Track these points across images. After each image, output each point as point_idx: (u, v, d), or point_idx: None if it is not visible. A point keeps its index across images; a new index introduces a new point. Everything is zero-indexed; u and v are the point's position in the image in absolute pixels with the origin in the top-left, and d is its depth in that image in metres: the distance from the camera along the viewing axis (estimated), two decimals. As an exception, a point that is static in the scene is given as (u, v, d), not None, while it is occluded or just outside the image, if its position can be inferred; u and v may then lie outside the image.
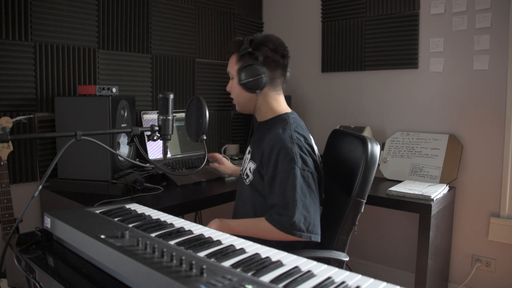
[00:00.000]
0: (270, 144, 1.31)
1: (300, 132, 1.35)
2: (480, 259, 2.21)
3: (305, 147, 1.32)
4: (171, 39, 2.43)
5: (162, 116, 1.18)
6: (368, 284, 0.62)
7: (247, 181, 1.42)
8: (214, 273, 0.61)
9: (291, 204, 1.23)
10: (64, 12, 1.93)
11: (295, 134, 1.33)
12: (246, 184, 1.42)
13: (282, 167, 1.27)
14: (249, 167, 1.41)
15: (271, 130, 1.37)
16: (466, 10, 2.16)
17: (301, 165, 1.27)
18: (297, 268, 0.68)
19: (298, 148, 1.30)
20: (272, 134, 1.34)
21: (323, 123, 2.72)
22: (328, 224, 1.38)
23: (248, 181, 1.41)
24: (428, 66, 2.33)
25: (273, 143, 1.31)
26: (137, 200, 1.58)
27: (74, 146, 1.01)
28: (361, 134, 1.58)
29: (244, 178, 1.45)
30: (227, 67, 1.47)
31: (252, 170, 1.39)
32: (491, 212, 2.16)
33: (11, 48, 1.76)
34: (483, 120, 2.16)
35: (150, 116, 2.21)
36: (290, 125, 1.36)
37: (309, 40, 2.82)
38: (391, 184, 2.12)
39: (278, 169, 1.28)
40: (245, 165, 1.47)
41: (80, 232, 0.80)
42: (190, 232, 0.86)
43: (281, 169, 1.27)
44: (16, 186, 1.80)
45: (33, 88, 1.85)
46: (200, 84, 2.61)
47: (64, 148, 0.96)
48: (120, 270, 0.69)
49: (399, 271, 2.51)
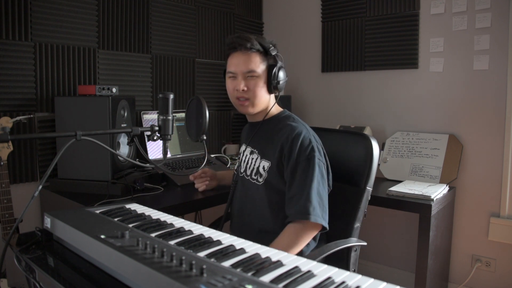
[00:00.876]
0: (288, 136, 1.34)
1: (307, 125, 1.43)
2: (480, 259, 2.21)
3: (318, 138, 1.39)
4: (171, 39, 2.43)
5: (162, 116, 1.18)
6: (368, 284, 0.62)
7: (260, 181, 1.39)
8: (214, 273, 0.61)
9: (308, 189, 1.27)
10: (64, 12, 1.93)
11: (307, 126, 1.41)
12: (258, 184, 1.40)
13: (304, 155, 1.31)
14: (262, 166, 1.39)
15: (281, 126, 1.40)
16: (466, 10, 2.16)
17: (317, 155, 1.32)
18: (297, 268, 0.68)
19: (314, 139, 1.36)
20: (286, 129, 1.37)
21: (323, 123, 2.72)
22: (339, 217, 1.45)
23: (262, 180, 1.39)
24: (428, 66, 2.33)
25: (292, 134, 1.34)
26: (137, 200, 1.58)
27: (74, 146, 1.00)
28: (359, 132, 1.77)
29: (252, 179, 1.42)
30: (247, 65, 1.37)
31: (266, 168, 1.38)
32: (491, 212, 2.16)
33: (11, 48, 1.76)
34: (483, 120, 2.16)
35: (150, 116, 2.21)
36: (297, 119, 1.44)
37: (309, 40, 2.82)
38: (391, 184, 2.12)
39: (301, 158, 1.31)
40: (251, 165, 1.44)
41: (80, 232, 0.80)
42: (190, 232, 0.86)
43: (303, 158, 1.31)
44: (16, 186, 1.80)
45: (33, 88, 1.85)
46: (200, 84, 2.61)
47: (64, 148, 0.96)
48: (120, 270, 0.69)
49: (399, 271, 2.51)
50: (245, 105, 1.41)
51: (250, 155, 1.46)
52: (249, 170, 1.44)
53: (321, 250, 1.30)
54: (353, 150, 1.53)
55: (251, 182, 1.43)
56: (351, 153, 1.54)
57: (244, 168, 1.47)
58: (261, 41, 1.39)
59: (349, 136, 1.60)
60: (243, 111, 1.44)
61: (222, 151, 2.62)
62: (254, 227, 1.43)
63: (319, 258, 1.25)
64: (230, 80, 1.42)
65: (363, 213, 1.48)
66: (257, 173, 1.41)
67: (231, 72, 1.40)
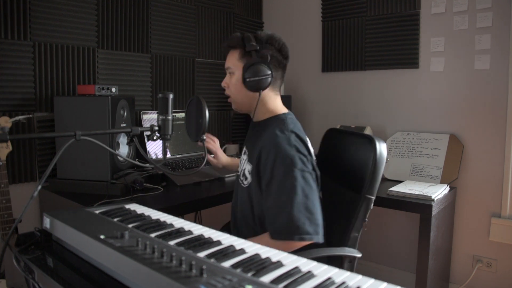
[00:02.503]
0: (267, 145, 1.27)
1: (297, 133, 1.31)
2: (481, 260, 2.20)
3: (303, 148, 1.28)
4: (171, 38, 2.42)
5: (162, 116, 1.17)
6: (369, 284, 0.62)
7: (245, 183, 1.37)
8: (214, 274, 0.60)
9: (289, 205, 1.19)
10: (64, 12, 1.93)
11: (292, 136, 1.29)
12: (244, 187, 1.38)
13: (280, 170, 1.22)
14: (247, 169, 1.36)
15: (267, 131, 1.32)
16: (467, 9, 2.16)
17: (300, 166, 1.23)
18: (297, 268, 0.67)
19: (296, 150, 1.25)
20: (269, 134, 1.30)
21: (323, 123, 2.71)
22: (336, 222, 1.38)
23: (246, 183, 1.36)
24: (428, 65, 2.32)
25: (270, 144, 1.27)
26: (137, 200, 1.57)
27: (74, 146, 1.00)
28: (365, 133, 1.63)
29: (241, 180, 1.40)
30: (226, 62, 1.40)
31: (250, 171, 1.34)
32: (492, 212, 2.15)
33: (10, 47, 1.76)
34: (484, 120, 2.15)
35: (149, 116, 2.21)
36: (288, 125, 1.32)
37: (309, 40, 2.82)
38: (392, 184, 2.12)
39: (275, 172, 1.23)
40: (241, 166, 1.43)
41: (79, 233, 0.80)
42: (190, 232, 0.86)
43: (278, 172, 1.23)
44: (15, 186, 1.79)
45: (32, 88, 1.84)
46: (200, 84, 2.61)
47: (63, 148, 0.95)
48: (120, 271, 0.69)
49: (399, 271, 2.50)
50: (230, 101, 1.44)
51: (243, 156, 1.46)
52: (241, 172, 1.43)
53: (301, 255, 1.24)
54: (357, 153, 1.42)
55: (239, 184, 1.42)
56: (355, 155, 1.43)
57: (239, 169, 1.47)
58: (244, 38, 1.34)
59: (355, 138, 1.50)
60: (232, 107, 1.46)
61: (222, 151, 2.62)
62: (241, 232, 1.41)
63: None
64: None
65: (361, 222, 1.35)
66: (243, 175, 1.39)
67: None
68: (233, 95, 1.41)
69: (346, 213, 1.36)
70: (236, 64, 1.36)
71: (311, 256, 1.13)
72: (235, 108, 1.45)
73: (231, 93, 1.41)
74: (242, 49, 1.35)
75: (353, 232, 1.33)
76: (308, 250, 1.21)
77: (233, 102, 1.43)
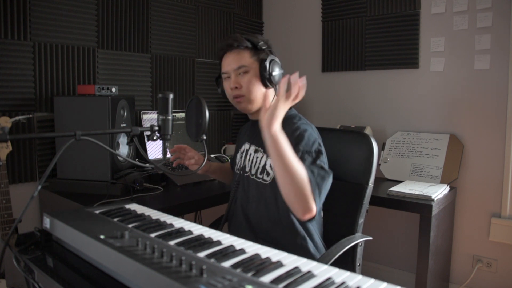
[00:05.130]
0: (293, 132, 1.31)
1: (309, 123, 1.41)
2: (481, 260, 2.20)
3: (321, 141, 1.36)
4: (171, 38, 2.42)
5: (162, 116, 1.17)
6: (369, 284, 0.62)
7: (266, 179, 1.37)
8: (214, 274, 0.60)
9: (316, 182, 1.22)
10: (64, 12, 1.93)
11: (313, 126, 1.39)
12: (265, 183, 1.38)
13: (309, 153, 1.28)
14: (269, 164, 1.37)
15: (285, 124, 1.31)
16: (467, 9, 2.16)
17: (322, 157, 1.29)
18: (297, 268, 0.67)
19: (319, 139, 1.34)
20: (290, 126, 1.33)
21: (323, 123, 2.71)
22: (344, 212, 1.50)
23: (269, 179, 1.37)
24: (428, 66, 2.32)
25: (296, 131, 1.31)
26: (137, 200, 1.57)
27: (74, 146, 1.00)
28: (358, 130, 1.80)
29: (258, 178, 1.40)
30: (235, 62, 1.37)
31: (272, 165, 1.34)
32: (492, 213, 2.15)
33: (10, 47, 1.76)
34: (484, 120, 2.15)
35: (149, 116, 2.21)
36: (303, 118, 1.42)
37: (309, 40, 2.82)
38: (392, 184, 2.12)
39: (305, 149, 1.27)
40: (256, 164, 1.42)
41: (79, 233, 0.80)
42: (190, 232, 0.86)
43: (307, 149, 1.27)
44: (15, 186, 1.79)
45: (32, 88, 1.84)
46: (200, 84, 2.61)
47: (63, 148, 0.95)
48: (120, 271, 0.69)
49: (399, 271, 2.50)
50: (241, 102, 1.40)
51: (255, 154, 1.44)
52: (254, 169, 1.42)
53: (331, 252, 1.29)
54: (353, 148, 1.55)
55: (256, 181, 1.41)
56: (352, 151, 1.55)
57: (249, 168, 1.45)
58: (250, 38, 1.38)
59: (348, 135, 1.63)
60: (241, 108, 1.43)
61: (222, 151, 2.62)
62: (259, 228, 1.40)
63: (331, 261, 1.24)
64: (226, 81, 1.42)
65: (365, 209, 1.51)
66: (262, 171, 1.39)
67: (225, 73, 1.41)
68: (248, 93, 1.38)
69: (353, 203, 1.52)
70: (251, 61, 1.37)
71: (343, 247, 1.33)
72: (245, 108, 1.42)
73: (245, 92, 1.38)
74: (252, 47, 1.38)
75: (360, 218, 1.50)
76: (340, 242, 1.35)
77: (247, 101, 1.40)
